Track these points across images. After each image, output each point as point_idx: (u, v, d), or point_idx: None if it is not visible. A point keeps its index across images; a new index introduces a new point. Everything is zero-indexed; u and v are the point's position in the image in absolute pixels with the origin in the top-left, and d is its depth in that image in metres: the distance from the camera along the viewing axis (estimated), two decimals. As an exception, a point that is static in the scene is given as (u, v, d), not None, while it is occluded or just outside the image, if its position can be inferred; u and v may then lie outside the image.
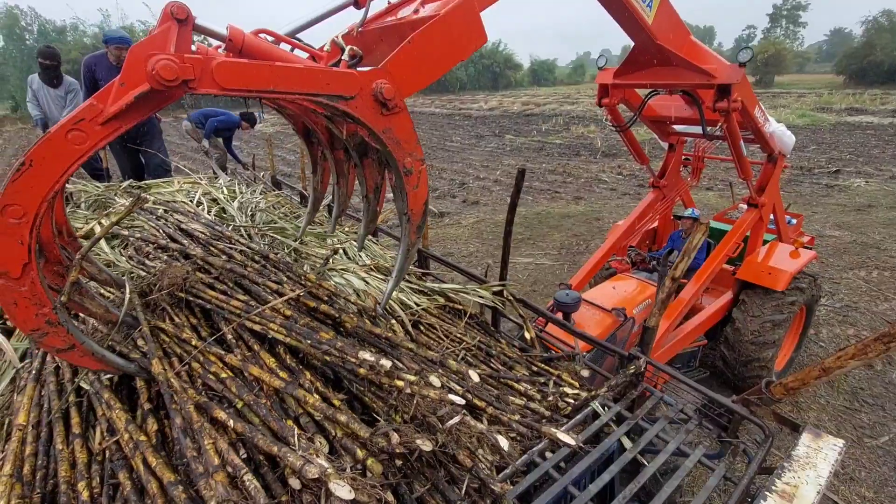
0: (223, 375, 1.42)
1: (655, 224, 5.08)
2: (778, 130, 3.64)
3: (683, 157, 4.68)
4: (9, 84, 33.95)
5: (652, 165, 4.68)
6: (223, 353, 1.50)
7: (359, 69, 1.29)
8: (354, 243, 2.95)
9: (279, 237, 2.76)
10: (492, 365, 2.05)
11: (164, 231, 2.42)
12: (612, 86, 3.35)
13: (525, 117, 24.98)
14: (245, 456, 1.21)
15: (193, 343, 1.53)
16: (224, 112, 6.60)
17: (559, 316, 3.16)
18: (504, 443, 1.21)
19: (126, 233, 2.43)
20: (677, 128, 4.24)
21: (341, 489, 1.00)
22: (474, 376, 1.50)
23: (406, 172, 1.39)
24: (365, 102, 1.23)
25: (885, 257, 6.99)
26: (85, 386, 1.50)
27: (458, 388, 1.52)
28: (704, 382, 4.26)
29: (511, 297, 2.48)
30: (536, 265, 7.00)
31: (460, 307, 2.42)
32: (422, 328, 2.20)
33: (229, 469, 1.14)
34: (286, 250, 2.66)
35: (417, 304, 2.30)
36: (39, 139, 1.02)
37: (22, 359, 1.76)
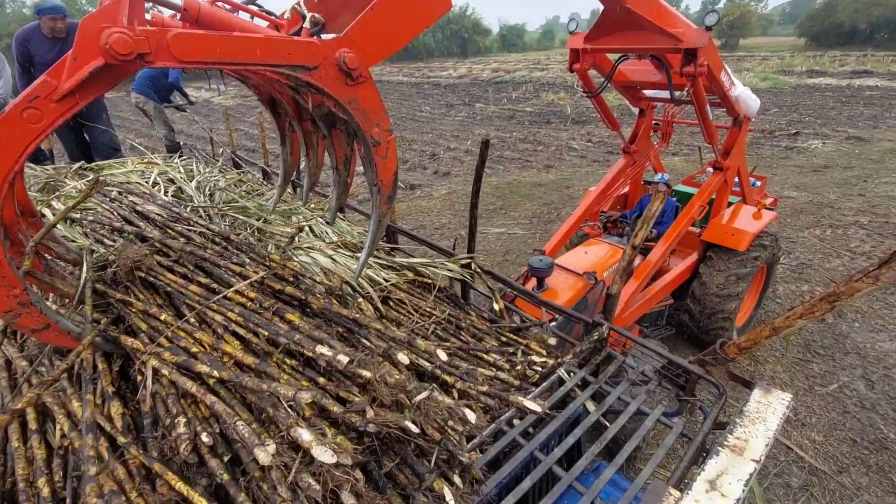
0: (194, 350, 1.40)
1: (626, 189, 5.16)
2: (743, 94, 3.69)
3: (653, 123, 4.72)
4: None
5: (622, 131, 4.71)
6: (193, 328, 1.48)
7: (322, 37, 1.26)
8: (321, 220, 2.89)
9: (241, 217, 2.67)
10: (461, 337, 2.07)
11: (118, 213, 2.31)
12: (582, 51, 3.32)
13: (495, 84, 24.61)
14: (218, 430, 1.22)
15: (163, 318, 1.50)
16: None
17: (533, 281, 3.22)
18: (472, 416, 1.23)
19: (78, 216, 2.31)
20: (647, 93, 4.26)
21: (324, 454, 1.02)
22: (442, 355, 1.51)
23: (374, 143, 1.38)
24: (328, 72, 1.21)
25: (838, 216, 7.33)
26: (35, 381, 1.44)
27: (427, 365, 1.53)
28: (670, 340, 4.46)
29: (479, 269, 2.49)
30: (509, 235, 7.05)
31: (429, 281, 2.42)
32: (391, 304, 2.20)
33: (215, 425, 1.13)
34: (249, 230, 2.58)
35: (386, 280, 2.29)
36: None
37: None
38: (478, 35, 54.96)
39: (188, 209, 2.54)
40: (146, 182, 2.94)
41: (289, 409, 1.15)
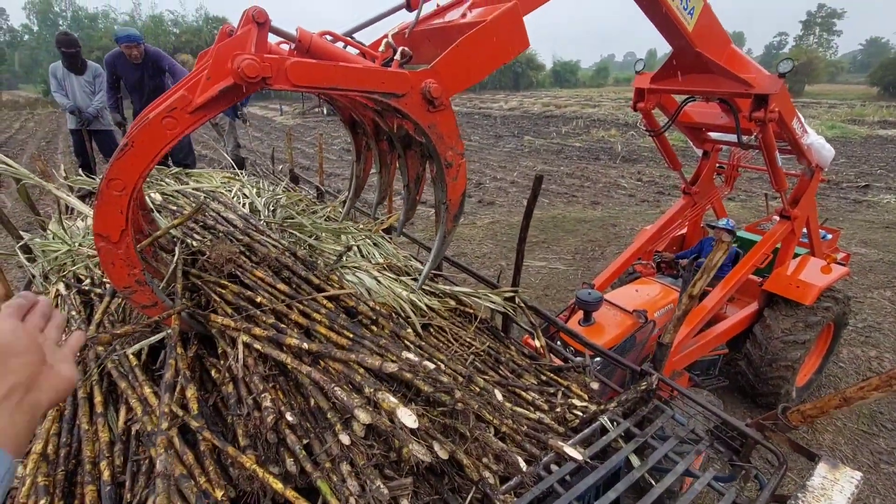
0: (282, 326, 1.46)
1: (684, 230, 5.02)
2: (816, 143, 3.55)
3: (717, 165, 4.61)
4: (41, 68, 34.98)
5: (682, 171, 4.63)
6: (287, 310, 1.57)
7: (407, 68, 1.39)
8: (368, 241, 2.95)
9: (297, 233, 2.77)
10: (500, 371, 2.03)
11: (208, 215, 2.46)
12: (648, 90, 3.33)
13: (545, 119, 24.75)
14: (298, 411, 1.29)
15: (258, 300, 1.59)
16: None
17: (580, 314, 3.15)
18: (524, 465, 1.22)
19: (174, 208, 2.59)
20: (713, 135, 4.18)
21: (407, 417, 1.08)
22: (499, 395, 1.52)
23: (447, 165, 1.48)
24: (414, 100, 1.33)
25: (912, 278, 6.78)
26: (110, 366, 1.51)
27: (473, 404, 1.52)
28: (722, 392, 4.19)
29: (523, 304, 2.45)
30: (549, 269, 6.94)
31: (471, 311, 2.40)
32: (431, 330, 2.19)
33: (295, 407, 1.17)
34: (303, 246, 2.67)
35: (429, 306, 2.29)
36: (139, 124, 1.15)
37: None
38: (531, 70, 55.76)
39: (261, 222, 2.67)
40: (228, 192, 3.15)
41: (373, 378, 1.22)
